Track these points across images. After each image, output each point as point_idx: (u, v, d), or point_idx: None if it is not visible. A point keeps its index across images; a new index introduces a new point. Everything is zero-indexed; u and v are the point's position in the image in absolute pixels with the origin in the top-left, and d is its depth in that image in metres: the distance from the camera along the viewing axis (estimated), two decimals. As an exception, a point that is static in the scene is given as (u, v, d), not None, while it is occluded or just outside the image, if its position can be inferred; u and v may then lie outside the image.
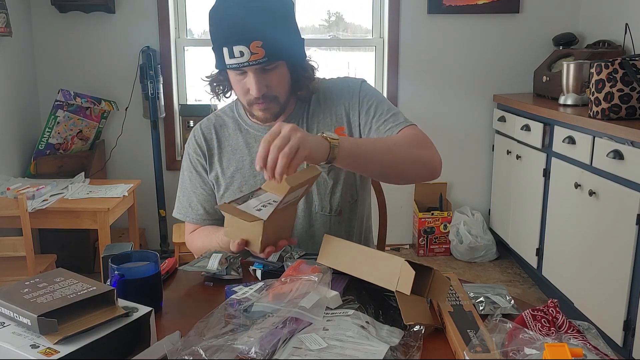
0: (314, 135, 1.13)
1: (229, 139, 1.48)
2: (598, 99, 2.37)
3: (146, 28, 3.43)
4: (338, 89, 1.46)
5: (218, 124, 1.50)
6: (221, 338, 0.89)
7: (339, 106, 1.44)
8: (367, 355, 0.86)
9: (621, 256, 2.23)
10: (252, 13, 1.25)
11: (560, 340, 0.89)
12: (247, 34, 1.24)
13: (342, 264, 1.09)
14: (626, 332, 2.23)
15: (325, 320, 0.95)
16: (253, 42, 1.24)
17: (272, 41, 1.26)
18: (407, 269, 0.99)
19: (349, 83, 1.47)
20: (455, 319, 0.98)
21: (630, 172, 2.17)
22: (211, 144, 1.48)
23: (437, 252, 3.64)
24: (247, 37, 1.24)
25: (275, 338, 0.89)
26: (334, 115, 1.44)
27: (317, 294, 0.99)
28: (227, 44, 1.27)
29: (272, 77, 1.32)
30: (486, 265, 3.51)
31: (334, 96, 1.45)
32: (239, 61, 1.27)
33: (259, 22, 1.25)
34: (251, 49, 1.25)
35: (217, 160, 1.48)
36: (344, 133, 1.42)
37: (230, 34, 1.26)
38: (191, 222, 1.53)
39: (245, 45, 1.25)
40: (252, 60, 1.26)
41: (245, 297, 1.04)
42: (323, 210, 1.43)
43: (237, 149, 1.46)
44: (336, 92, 1.45)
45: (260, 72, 1.30)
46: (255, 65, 1.27)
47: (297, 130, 1.06)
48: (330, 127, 1.43)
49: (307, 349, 0.88)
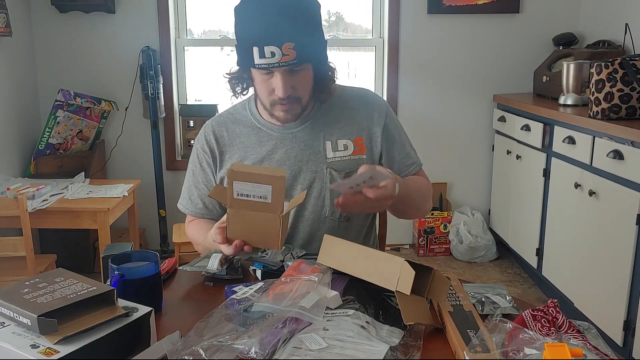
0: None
1: (240, 136, 1.47)
2: (598, 99, 2.37)
3: (146, 28, 3.43)
4: (362, 99, 1.48)
5: (230, 120, 1.49)
6: (221, 338, 0.89)
7: (363, 118, 1.45)
8: (367, 355, 0.86)
9: (621, 256, 2.23)
10: (286, 14, 1.25)
11: (560, 340, 0.89)
12: (280, 34, 1.24)
13: (342, 264, 1.09)
14: (626, 332, 2.23)
15: (325, 320, 0.95)
16: (285, 43, 1.24)
17: (303, 43, 1.26)
18: (407, 269, 0.99)
19: (376, 99, 1.51)
20: (455, 319, 0.98)
21: (630, 172, 2.17)
22: (221, 142, 1.47)
23: (437, 252, 3.64)
24: (280, 38, 1.23)
25: (275, 338, 0.89)
26: (356, 125, 1.45)
27: (317, 294, 0.99)
28: (259, 43, 1.25)
29: (298, 79, 1.32)
30: (486, 265, 3.51)
31: (357, 105, 1.47)
32: (269, 62, 1.26)
33: (292, 24, 1.25)
34: (283, 50, 1.24)
35: (227, 158, 1.47)
36: (362, 144, 1.44)
37: (263, 33, 1.25)
38: (190, 215, 1.54)
39: (277, 46, 1.24)
40: (282, 61, 1.25)
41: (245, 297, 1.04)
42: (333, 216, 1.43)
43: (249, 146, 1.45)
44: (360, 103, 1.47)
45: (288, 74, 1.30)
46: (285, 67, 1.27)
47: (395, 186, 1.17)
48: (351, 135, 1.44)
49: (307, 349, 0.88)
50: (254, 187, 1.09)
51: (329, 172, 1.41)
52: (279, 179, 1.07)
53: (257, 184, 1.08)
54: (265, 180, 1.08)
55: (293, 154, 1.43)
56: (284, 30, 1.24)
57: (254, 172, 1.09)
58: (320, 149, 1.42)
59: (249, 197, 1.10)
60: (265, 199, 1.09)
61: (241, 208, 1.12)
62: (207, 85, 3.70)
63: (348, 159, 1.42)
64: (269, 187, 1.08)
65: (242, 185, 1.09)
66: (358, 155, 1.43)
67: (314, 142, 1.43)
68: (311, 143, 1.43)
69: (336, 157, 1.42)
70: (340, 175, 1.41)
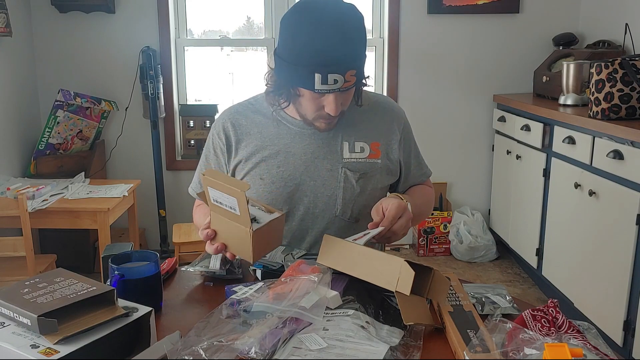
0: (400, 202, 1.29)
1: (260, 125, 1.46)
2: (598, 99, 2.37)
3: (146, 28, 3.43)
4: (384, 107, 1.51)
5: (250, 110, 1.49)
6: (221, 338, 0.89)
7: (382, 124, 1.47)
8: (367, 355, 0.86)
9: (621, 256, 2.23)
10: (349, 41, 1.25)
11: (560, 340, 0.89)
12: (345, 63, 1.25)
13: (342, 264, 1.09)
14: (626, 332, 2.23)
15: (325, 320, 0.95)
16: (349, 71, 1.25)
17: (362, 68, 1.31)
18: (407, 269, 0.99)
19: (396, 108, 1.54)
20: (455, 319, 0.98)
21: (630, 172, 2.17)
22: (239, 130, 1.46)
23: (437, 252, 3.64)
24: (344, 67, 1.25)
25: (275, 338, 0.89)
26: (374, 130, 1.46)
27: (317, 294, 0.99)
28: (322, 71, 1.24)
29: (346, 97, 1.35)
30: (486, 265, 3.51)
31: (378, 111, 1.49)
32: (331, 87, 1.26)
33: (355, 51, 1.27)
34: (346, 77, 1.25)
35: (244, 146, 1.45)
36: (378, 149, 1.45)
37: (328, 62, 1.24)
38: (199, 199, 1.53)
39: (341, 74, 1.25)
40: (344, 87, 1.27)
41: (245, 297, 1.04)
42: (343, 215, 1.43)
43: (267, 137, 1.44)
44: (381, 109, 1.50)
45: (340, 94, 1.31)
46: (345, 91, 1.30)
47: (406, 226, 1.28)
48: (368, 139, 1.45)
49: (307, 349, 0.88)
50: (224, 197, 1.07)
51: (344, 172, 1.41)
52: (239, 193, 1.03)
53: (225, 193, 1.06)
54: (228, 192, 1.05)
55: (310, 150, 1.42)
56: (348, 59, 1.25)
57: (219, 182, 1.06)
58: (337, 149, 1.43)
59: (223, 205, 1.09)
60: (235, 210, 1.07)
61: (218, 213, 1.11)
62: (207, 85, 3.70)
63: (363, 161, 1.43)
64: (234, 199, 1.05)
65: (215, 192, 1.08)
66: (373, 160, 1.44)
67: (332, 141, 1.43)
68: (329, 141, 1.43)
69: (352, 158, 1.43)
70: (355, 175, 1.41)
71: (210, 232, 1.16)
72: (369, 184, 1.43)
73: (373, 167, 1.43)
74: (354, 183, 1.41)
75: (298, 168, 1.42)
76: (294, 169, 1.41)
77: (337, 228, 1.43)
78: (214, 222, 1.15)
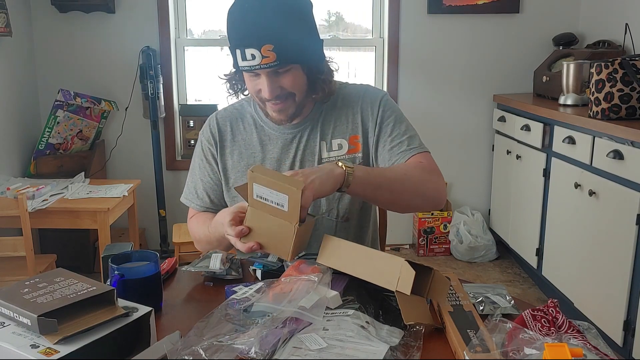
0: (323, 168, 1.15)
1: (243, 133, 1.47)
2: (598, 99, 2.37)
3: (146, 28, 3.43)
4: (358, 95, 1.44)
5: (234, 116, 1.49)
6: (221, 338, 0.89)
7: (357, 114, 1.42)
8: (367, 355, 0.86)
9: (621, 256, 2.23)
10: (266, 15, 1.24)
11: (560, 340, 0.89)
12: (258, 37, 1.23)
13: (342, 264, 1.09)
14: (626, 332, 2.23)
15: (325, 320, 0.95)
16: (264, 45, 1.23)
17: (284, 45, 1.24)
18: (407, 269, 0.99)
19: (371, 92, 1.45)
20: (455, 318, 0.98)
21: (630, 172, 2.17)
22: (224, 136, 1.47)
23: (437, 252, 3.64)
24: (258, 41, 1.23)
25: (275, 338, 0.89)
26: (351, 123, 1.42)
27: (317, 294, 0.99)
28: (240, 46, 1.25)
29: (285, 80, 1.30)
30: (486, 265, 3.51)
31: (352, 103, 1.43)
32: (250, 64, 1.26)
33: (272, 25, 1.24)
34: (262, 52, 1.23)
35: (228, 152, 1.47)
36: (357, 142, 1.42)
37: (242, 36, 1.25)
38: (195, 209, 1.52)
39: (256, 48, 1.23)
40: (263, 63, 1.25)
41: (246, 297, 1.04)
42: (330, 215, 1.42)
43: (251, 144, 1.45)
44: (355, 99, 1.44)
45: (273, 75, 1.29)
46: (266, 69, 1.26)
47: (297, 174, 1.10)
48: (345, 134, 1.42)
49: (307, 349, 0.88)
50: (272, 193, 1.06)
51: None
52: (294, 191, 1.04)
53: (274, 190, 1.06)
54: (282, 189, 1.05)
55: (292, 154, 1.43)
56: (262, 32, 1.23)
57: (271, 179, 1.06)
58: (316, 150, 1.42)
59: (267, 202, 1.08)
60: (282, 207, 1.07)
61: (260, 209, 1.10)
62: (207, 85, 3.70)
63: (343, 158, 1.40)
64: (285, 196, 1.05)
65: (260, 188, 1.07)
66: (353, 154, 1.41)
67: (311, 143, 1.43)
68: (308, 144, 1.43)
69: (330, 157, 1.41)
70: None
71: (246, 229, 1.13)
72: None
73: (353, 163, 1.40)
74: None
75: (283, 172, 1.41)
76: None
77: (326, 228, 1.41)
78: (250, 218, 1.12)
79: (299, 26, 1.29)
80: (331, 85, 1.40)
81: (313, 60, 1.35)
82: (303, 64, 1.32)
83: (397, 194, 1.27)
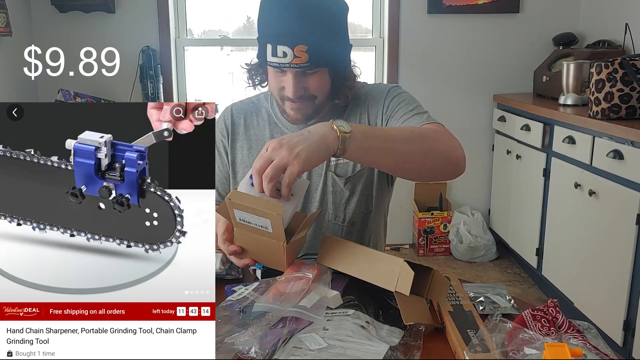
0: (312, 135, 1.03)
1: (256, 128, 1.45)
2: (598, 98, 2.37)
3: (146, 28, 3.43)
4: (367, 94, 1.43)
5: (250, 109, 1.47)
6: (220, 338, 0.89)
7: (364, 112, 1.40)
8: (367, 355, 0.86)
9: (621, 256, 2.23)
10: (304, 15, 1.22)
11: (560, 340, 0.89)
12: (293, 36, 1.22)
13: (342, 264, 1.09)
14: (626, 332, 2.23)
15: (325, 320, 0.95)
16: (298, 45, 1.21)
17: (317, 47, 1.23)
18: (407, 270, 0.99)
19: (378, 89, 1.44)
20: (455, 318, 0.98)
21: (630, 172, 2.16)
22: (237, 128, 1.46)
23: (437, 252, 3.64)
24: (292, 40, 1.22)
25: (275, 338, 0.89)
26: (358, 119, 1.40)
27: (317, 293, 0.99)
28: (272, 41, 1.23)
29: (311, 81, 1.29)
30: (486, 265, 3.51)
31: (361, 102, 1.42)
32: (281, 61, 1.24)
33: (308, 26, 1.23)
34: (295, 52, 1.22)
35: (239, 146, 1.45)
36: None
37: (277, 32, 1.23)
38: None
39: (289, 47, 1.22)
40: (294, 63, 1.23)
41: (243, 297, 1.03)
42: (336, 220, 1.40)
43: (262, 140, 1.43)
44: (364, 98, 1.42)
45: (300, 75, 1.27)
46: (296, 68, 1.24)
47: (282, 146, 1.00)
48: None
49: (307, 348, 0.88)
50: (253, 217, 1.04)
51: (331, 176, 1.39)
52: (275, 216, 1.01)
53: (255, 215, 1.04)
54: (262, 215, 1.03)
55: None
56: (298, 32, 1.22)
57: (251, 206, 1.02)
58: None
59: (251, 224, 1.06)
60: (266, 228, 1.05)
61: (245, 230, 1.09)
62: (207, 85, 3.70)
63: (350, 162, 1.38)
64: (267, 219, 1.03)
65: (241, 213, 1.05)
66: None
67: None
68: None
69: (339, 160, 1.38)
70: (341, 180, 1.38)
71: (238, 249, 1.13)
72: (358, 184, 1.39)
73: (362, 165, 1.38)
74: (342, 186, 1.38)
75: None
76: None
77: (331, 232, 1.39)
78: (239, 238, 1.12)
79: (334, 30, 1.28)
80: (353, 90, 1.39)
81: (341, 66, 1.34)
82: (331, 69, 1.31)
83: (405, 155, 1.12)
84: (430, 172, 1.22)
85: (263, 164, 1.00)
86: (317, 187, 1.40)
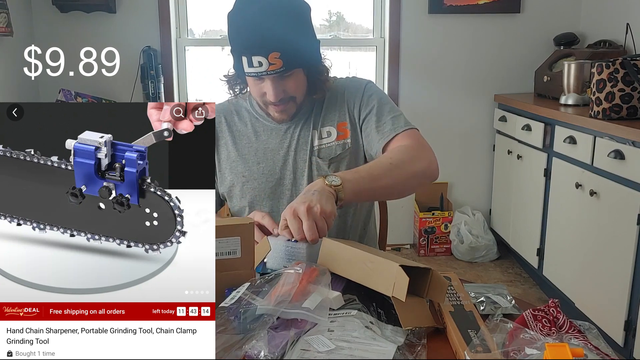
0: (314, 193, 1.13)
1: (238, 124, 1.51)
2: (599, 98, 2.37)
3: (147, 28, 3.43)
4: (345, 87, 1.50)
5: (229, 110, 1.53)
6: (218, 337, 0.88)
7: (343, 102, 1.48)
8: (376, 356, 0.86)
9: (622, 256, 2.22)
10: (270, 22, 1.27)
11: (561, 340, 0.89)
12: (265, 45, 1.27)
13: (340, 267, 1.09)
14: (627, 332, 2.23)
15: (328, 322, 0.95)
16: (271, 53, 1.27)
17: (290, 51, 1.29)
18: (402, 276, 0.97)
19: (355, 82, 1.52)
20: (456, 318, 0.98)
21: (631, 172, 2.16)
22: (219, 126, 1.51)
23: (438, 252, 3.64)
24: (265, 49, 1.27)
25: (283, 340, 0.89)
26: (338, 111, 1.48)
27: (319, 294, 0.99)
28: (246, 53, 1.29)
29: (289, 83, 1.36)
30: (487, 265, 3.50)
31: (338, 94, 1.49)
32: (258, 70, 1.30)
33: (277, 33, 1.28)
34: (269, 59, 1.27)
35: (223, 143, 1.50)
36: (346, 128, 1.46)
37: (249, 44, 1.29)
38: None
39: (263, 56, 1.27)
40: (270, 70, 1.29)
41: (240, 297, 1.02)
42: None
43: (245, 134, 1.50)
44: (341, 89, 1.50)
45: (278, 79, 1.34)
46: (273, 75, 1.31)
47: (298, 207, 1.09)
48: (334, 122, 1.47)
49: (316, 350, 0.87)
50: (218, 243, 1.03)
51: (315, 161, 1.46)
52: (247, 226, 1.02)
53: (222, 238, 1.02)
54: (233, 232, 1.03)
55: (286, 144, 1.47)
56: (269, 40, 1.27)
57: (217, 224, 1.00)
58: (308, 139, 1.46)
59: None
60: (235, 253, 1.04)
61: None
62: (208, 85, 3.70)
63: (333, 145, 1.46)
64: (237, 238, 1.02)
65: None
66: (342, 140, 1.46)
67: (305, 132, 1.47)
68: (302, 133, 1.47)
69: (321, 145, 1.46)
70: (325, 162, 1.45)
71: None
72: (342, 167, 1.45)
73: (343, 148, 1.45)
74: (326, 169, 1.45)
75: (277, 163, 1.46)
76: (273, 164, 1.46)
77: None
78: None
79: (301, 31, 1.34)
80: (328, 83, 1.47)
81: (313, 63, 1.41)
82: (305, 68, 1.39)
83: (391, 186, 1.28)
84: (412, 190, 1.40)
85: (292, 214, 1.09)
86: (304, 173, 1.46)
